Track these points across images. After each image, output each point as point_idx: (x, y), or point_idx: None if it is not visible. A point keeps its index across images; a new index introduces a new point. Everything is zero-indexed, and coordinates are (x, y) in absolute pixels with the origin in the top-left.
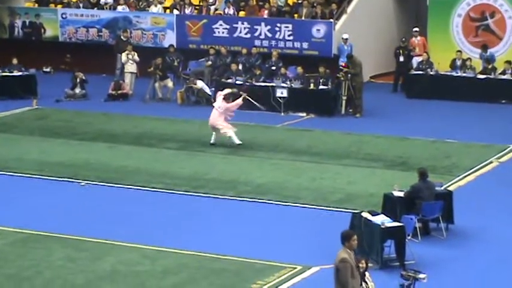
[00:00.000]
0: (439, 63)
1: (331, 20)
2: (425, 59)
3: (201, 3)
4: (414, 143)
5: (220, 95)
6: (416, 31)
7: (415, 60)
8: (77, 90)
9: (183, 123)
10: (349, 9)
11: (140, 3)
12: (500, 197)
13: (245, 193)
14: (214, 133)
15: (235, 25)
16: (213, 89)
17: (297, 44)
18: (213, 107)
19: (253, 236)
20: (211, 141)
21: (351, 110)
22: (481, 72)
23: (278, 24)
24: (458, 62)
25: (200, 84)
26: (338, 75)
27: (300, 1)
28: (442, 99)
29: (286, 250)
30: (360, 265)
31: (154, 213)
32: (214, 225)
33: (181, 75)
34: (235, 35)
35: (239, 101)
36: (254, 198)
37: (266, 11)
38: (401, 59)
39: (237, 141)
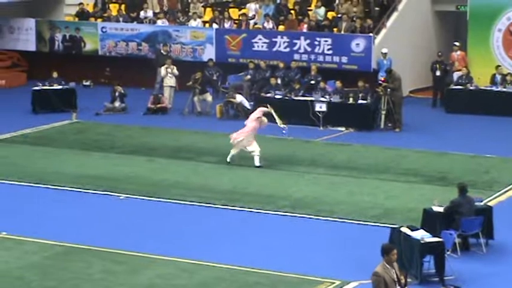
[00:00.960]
0: (479, 78)
1: (371, 34)
2: (465, 73)
3: (240, 18)
4: (454, 158)
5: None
6: (456, 45)
7: (456, 75)
8: (116, 104)
9: (221, 137)
10: (389, 23)
11: (180, 17)
12: None
13: (283, 207)
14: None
15: (274, 39)
16: (252, 103)
17: (336, 58)
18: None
19: (290, 250)
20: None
21: (390, 125)
22: None
23: (317, 39)
24: (499, 77)
25: (239, 98)
26: (377, 89)
27: (339, 15)
28: (482, 114)
29: (324, 265)
30: (402, 279)
31: (192, 227)
32: (251, 239)
33: (220, 89)
34: (274, 49)
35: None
36: (292, 212)
37: (305, 25)
38: (438, 73)
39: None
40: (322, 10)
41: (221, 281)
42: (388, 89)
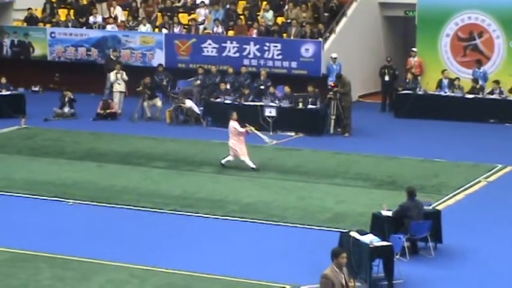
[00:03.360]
0: (427, 82)
1: (320, 39)
2: (410, 78)
3: (189, 23)
4: (403, 162)
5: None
6: (413, 51)
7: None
8: (66, 109)
9: (171, 143)
10: (338, 28)
11: (129, 22)
12: (488, 217)
13: (233, 212)
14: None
15: (224, 44)
16: (202, 108)
17: (286, 63)
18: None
19: (241, 256)
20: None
21: (339, 130)
22: (469, 92)
23: (267, 44)
24: (445, 81)
25: (189, 103)
26: (329, 94)
27: (288, 20)
28: (431, 118)
29: (274, 269)
30: (350, 284)
31: (143, 233)
32: (202, 244)
33: (170, 95)
34: (224, 54)
35: (243, 130)
36: (242, 218)
37: (255, 30)
38: (387, 78)
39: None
40: (270, 14)
41: (173, 287)
42: (338, 94)
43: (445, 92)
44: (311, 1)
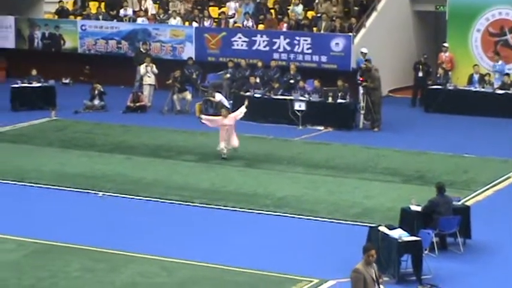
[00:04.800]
0: (458, 78)
1: (350, 33)
2: (442, 73)
3: (220, 16)
4: (432, 157)
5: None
6: (445, 46)
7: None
8: (96, 102)
9: (201, 136)
10: (368, 23)
11: (160, 15)
12: None
13: (263, 206)
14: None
15: (254, 38)
16: (231, 101)
17: (316, 58)
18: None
19: (270, 249)
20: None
21: (367, 122)
22: (500, 88)
23: (297, 38)
24: (476, 77)
25: (218, 97)
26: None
27: (319, 14)
28: (461, 114)
29: (303, 263)
30: (380, 280)
31: (172, 226)
32: (231, 237)
33: (199, 88)
34: (254, 48)
35: (242, 109)
36: (272, 211)
37: (285, 24)
38: (420, 74)
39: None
40: (299, 8)
41: (202, 279)
42: (367, 88)
43: (475, 88)
44: None
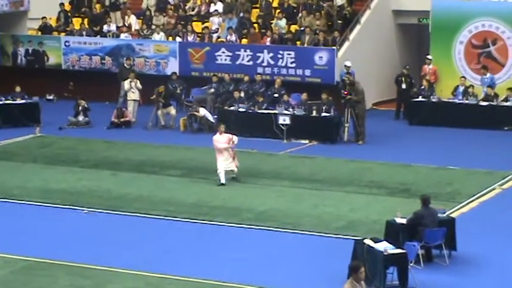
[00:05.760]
0: (442, 90)
1: (334, 47)
2: (426, 85)
3: (203, 31)
4: (417, 170)
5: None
6: (428, 59)
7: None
8: (80, 118)
9: (185, 151)
10: (351, 36)
11: (143, 31)
12: (503, 224)
13: (247, 220)
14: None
15: (237, 52)
16: (216, 116)
17: (300, 71)
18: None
19: (255, 263)
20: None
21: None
22: (483, 99)
23: (280, 52)
24: (461, 88)
25: (203, 111)
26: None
27: (302, 28)
28: (445, 126)
29: (288, 277)
30: None
31: (157, 241)
32: (216, 252)
33: (184, 103)
34: (237, 62)
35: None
36: (256, 226)
37: (268, 38)
38: (404, 86)
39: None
40: (283, 22)
41: None
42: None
43: (459, 100)
44: (324, 9)
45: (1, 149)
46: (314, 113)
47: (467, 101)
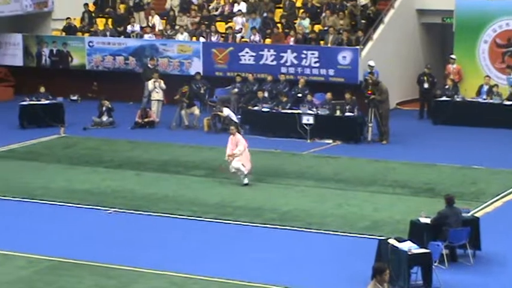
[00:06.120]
0: (465, 89)
1: (357, 46)
2: (450, 85)
3: (227, 31)
4: (441, 169)
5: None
6: (452, 58)
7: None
8: (104, 118)
9: (209, 151)
10: (375, 36)
11: (167, 31)
12: None
13: (271, 220)
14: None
15: (261, 52)
16: (239, 116)
17: (323, 71)
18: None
19: (279, 263)
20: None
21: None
22: (508, 99)
23: (304, 51)
24: (486, 87)
25: (226, 111)
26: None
27: (325, 28)
28: (469, 125)
29: (312, 277)
30: None
31: (182, 241)
32: (240, 252)
33: (207, 103)
34: (261, 62)
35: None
36: (280, 225)
37: (292, 38)
38: (426, 85)
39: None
40: (306, 21)
41: None
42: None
43: (483, 99)
44: (348, 8)
45: (25, 150)
46: (338, 113)
47: (491, 100)
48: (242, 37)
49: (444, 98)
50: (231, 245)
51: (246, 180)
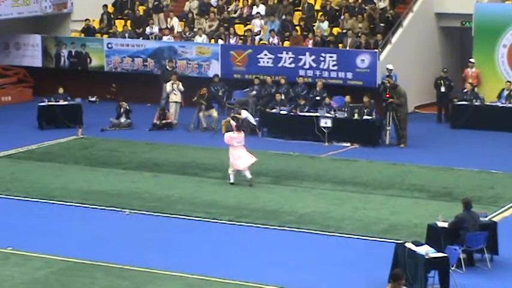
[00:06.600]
0: (484, 93)
1: (376, 50)
2: (470, 89)
3: (245, 34)
4: (459, 173)
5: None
6: (471, 62)
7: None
8: (122, 120)
9: (226, 153)
10: (394, 39)
11: (186, 33)
12: None
13: (288, 223)
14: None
15: (279, 55)
16: (258, 118)
17: (341, 74)
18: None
19: (296, 266)
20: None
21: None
22: None
23: (322, 54)
24: (506, 92)
25: (245, 114)
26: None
27: (344, 31)
28: (487, 129)
29: (328, 280)
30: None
31: (198, 243)
32: (257, 254)
33: (225, 105)
34: (279, 65)
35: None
36: (297, 228)
37: (310, 41)
38: (443, 89)
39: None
40: (325, 24)
41: None
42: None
43: (502, 103)
44: (367, 11)
45: (43, 150)
46: (356, 116)
47: (510, 105)
48: (261, 39)
49: (463, 102)
50: (248, 247)
51: (232, 179)
